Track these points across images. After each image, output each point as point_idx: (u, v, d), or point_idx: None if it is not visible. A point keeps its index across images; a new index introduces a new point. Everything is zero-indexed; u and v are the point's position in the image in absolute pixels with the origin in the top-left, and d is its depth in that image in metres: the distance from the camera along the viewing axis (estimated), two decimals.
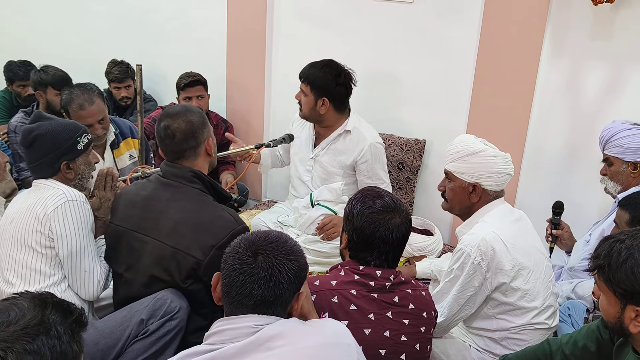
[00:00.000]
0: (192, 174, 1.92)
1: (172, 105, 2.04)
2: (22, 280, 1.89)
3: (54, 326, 1.03)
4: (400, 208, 1.66)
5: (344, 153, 2.78)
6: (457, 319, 1.96)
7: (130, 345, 1.83)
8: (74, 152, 1.98)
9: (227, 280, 1.31)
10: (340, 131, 2.78)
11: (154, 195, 1.93)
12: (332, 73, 2.69)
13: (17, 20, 4.42)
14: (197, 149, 1.95)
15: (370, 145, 2.74)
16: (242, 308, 1.29)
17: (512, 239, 1.91)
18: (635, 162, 2.24)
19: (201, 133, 1.95)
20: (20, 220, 1.90)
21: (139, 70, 2.49)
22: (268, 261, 1.29)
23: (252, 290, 1.27)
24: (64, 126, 1.98)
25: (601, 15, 2.60)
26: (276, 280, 1.28)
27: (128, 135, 2.86)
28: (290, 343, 1.24)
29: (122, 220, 1.97)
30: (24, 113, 3.26)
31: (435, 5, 2.99)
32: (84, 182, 2.04)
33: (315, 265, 2.60)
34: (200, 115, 1.98)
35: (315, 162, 2.85)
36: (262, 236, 1.35)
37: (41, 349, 0.99)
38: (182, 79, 3.38)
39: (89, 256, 1.93)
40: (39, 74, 3.22)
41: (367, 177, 2.78)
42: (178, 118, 1.92)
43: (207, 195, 1.93)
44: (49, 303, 1.06)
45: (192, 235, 1.83)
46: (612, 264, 1.33)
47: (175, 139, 1.91)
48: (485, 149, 1.98)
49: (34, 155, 1.95)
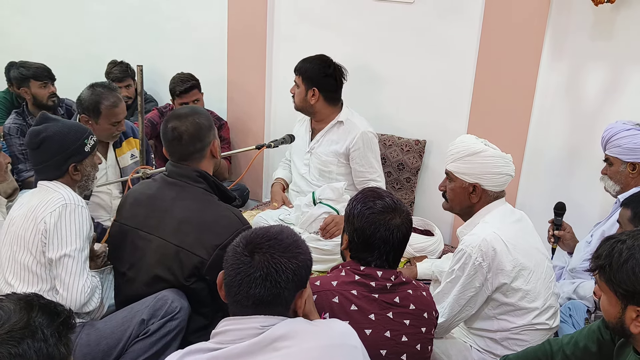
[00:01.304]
0: (197, 173, 1.93)
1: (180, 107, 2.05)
2: (21, 282, 1.89)
3: (40, 329, 1.02)
4: (401, 208, 1.66)
5: (337, 142, 2.89)
6: (458, 319, 1.96)
7: (131, 345, 1.83)
8: (82, 154, 1.98)
9: (227, 280, 1.30)
10: (334, 123, 2.89)
11: (159, 195, 1.94)
12: (322, 65, 2.85)
13: (17, 21, 4.43)
14: (203, 152, 1.96)
15: (362, 134, 2.84)
16: (243, 308, 1.28)
17: (513, 240, 1.91)
18: (634, 162, 2.25)
19: (207, 135, 1.96)
20: (21, 222, 1.90)
21: (140, 71, 2.49)
22: (264, 260, 1.27)
23: (248, 290, 1.26)
24: (71, 128, 1.99)
25: (602, 16, 2.60)
26: (272, 279, 1.26)
27: (130, 135, 2.86)
28: (296, 344, 1.23)
29: (127, 218, 1.98)
30: (16, 114, 3.27)
31: (435, 5, 2.99)
32: (89, 184, 2.05)
33: (317, 263, 2.60)
34: (208, 117, 2.00)
35: (312, 155, 2.95)
36: (261, 233, 1.32)
37: (27, 352, 0.99)
38: (177, 84, 3.37)
39: (80, 261, 1.87)
40: (18, 70, 3.25)
41: (360, 165, 2.88)
42: (186, 120, 1.93)
43: (211, 195, 1.94)
44: (35, 305, 1.05)
45: (197, 234, 1.84)
46: (613, 264, 1.33)
47: (183, 141, 1.92)
48: (486, 149, 1.98)
49: (41, 157, 1.95)
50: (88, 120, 2.59)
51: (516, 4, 2.75)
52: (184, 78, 3.39)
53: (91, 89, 2.63)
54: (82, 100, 2.62)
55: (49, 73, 3.31)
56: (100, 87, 2.64)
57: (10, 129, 3.20)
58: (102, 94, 2.60)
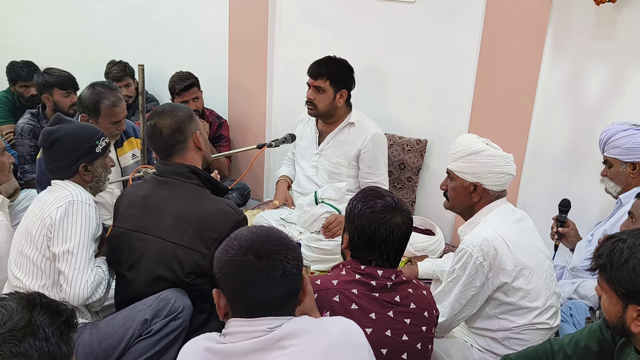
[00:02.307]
0: (188, 169, 1.94)
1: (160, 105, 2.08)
2: (27, 275, 1.91)
3: (42, 328, 1.02)
4: (401, 207, 1.66)
5: (348, 144, 2.87)
6: (459, 318, 1.97)
7: (134, 345, 1.84)
8: (92, 155, 2.00)
9: (239, 290, 1.26)
10: (345, 124, 2.87)
11: (152, 194, 1.95)
12: (345, 65, 2.84)
13: (18, 21, 4.43)
14: (185, 143, 1.97)
15: (373, 135, 2.84)
16: (261, 312, 1.26)
17: (514, 239, 1.91)
18: (634, 162, 2.25)
19: (188, 127, 1.97)
20: (31, 218, 1.93)
21: (141, 71, 2.49)
22: (277, 259, 1.26)
23: (272, 291, 1.25)
24: (83, 129, 2.02)
25: (603, 15, 2.60)
26: (290, 274, 1.26)
27: (131, 134, 2.87)
28: (302, 343, 1.24)
29: (122, 221, 1.99)
30: (30, 115, 3.25)
31: (437, 5, 2.99)
32: (100, 185, 2.07)
33: (319, 263, 2.61)
34: (187, 110, 2.01)
35: (321, 157, 2.93)
36: (254, 237, 1.30)
37: (28, 351, 0.99)
38: (176, 83, 3.37)
39: (84, 258, 1.87)
40: (43, 76, 3.22)
41: (368, 166, 2.87)
42: (164, 115, 1.95)
43: (204, 190, 1.95)
44: (37, 304, 1.05)
45: (194, 230, 1.84)
46: (614, 264, 1.33)
47: (163, 135, 1.93)
48: (487, 148, 1.98)
49: (53, 157, 1.98)
50: (88, 119, 2.61)
51: (517, 3, 2.74)
52: (183, 76, 3.39)
53: (91, 88, 2.65)
54: (82, 100, 2.64)
55: (74, 83, 3.26)
56: (100, 86, 2.66)
57: (23, 129, 3.19)
58: (102, 93, 2.61)
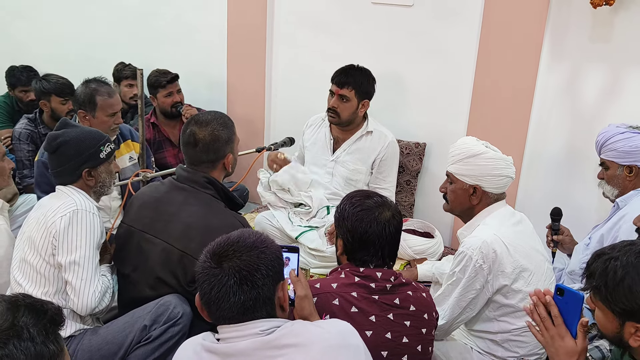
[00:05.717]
0: (206, 179, 1.93)
1: (206, 112, 2.05)
2: (30, 282, 1.90)
3: (26, 328, 1.01)
4: (389, 203, 1.69)
5: (366, 152, 2.90)
6: (459, 321, 1.97)
7: (133, 351, 1.84)
8: (96, 160, 2.00)
9: (205, 298, 1.27)
10: (363, 132, 2.90)
11: (167, 198, 1.94)
12: (369, 75, 2.85)
13: (18, 26, 4.43)
14: (216, 163, 1.96)
15: (390, 143, 2.90)
16: (230, 321, 1.26)
17: (514, 242, 1.91)
18: (630, 165, 2.24)
19: (224, 148, 1.96)
20: (34, 225, 1.93)
21: (140, 75, 2.50)
22: (234, 265, 1.24)
23: (229, 300, 1.23)
24: (87, 134, 2.01)
25: (600, 18, 2.61)
26: (248, 281, 1.23)
27: (128, 137, 2.88)
28: (298, 344, 1.24)
29: (133, 220, 1.99)
30: (27, 120, 3.26)
31: (434, 8, 3.00)
32: (104, 190, 2.06)
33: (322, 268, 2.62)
34: (230, 128, 1.98)
35: (337, 164, 2.94)
36: (223, 242, 1.30)
37: (13, 352, 0.98)
38: (160, 76, 3.38)
39: (90, 268, 1.87)
40: (41, 83, 3.23)
41: (380, 172, 2.91)
42: (206, 127, 1.92)
43: (218, 202, 1.94)
44: (21, 306, 1.05)
45: (200, 240, 1.83)
46: (608, 284, 1.28)
47: (197, 148, 1.92)
48: (486, 151, 1.99)
49: (57, 161, 1.98)
50: (85, 115, 2.63)
51: (515, 6, 2.75)
52: (163, 71, 3.42)
53: (85, 84, 2.69)
54: (77, 96, 2.67)
55: (72, 90, 3.23)
56: (93, 82, 2.69)
57: (21, 135, 3.20)
58: (97, 87, 2.65)
